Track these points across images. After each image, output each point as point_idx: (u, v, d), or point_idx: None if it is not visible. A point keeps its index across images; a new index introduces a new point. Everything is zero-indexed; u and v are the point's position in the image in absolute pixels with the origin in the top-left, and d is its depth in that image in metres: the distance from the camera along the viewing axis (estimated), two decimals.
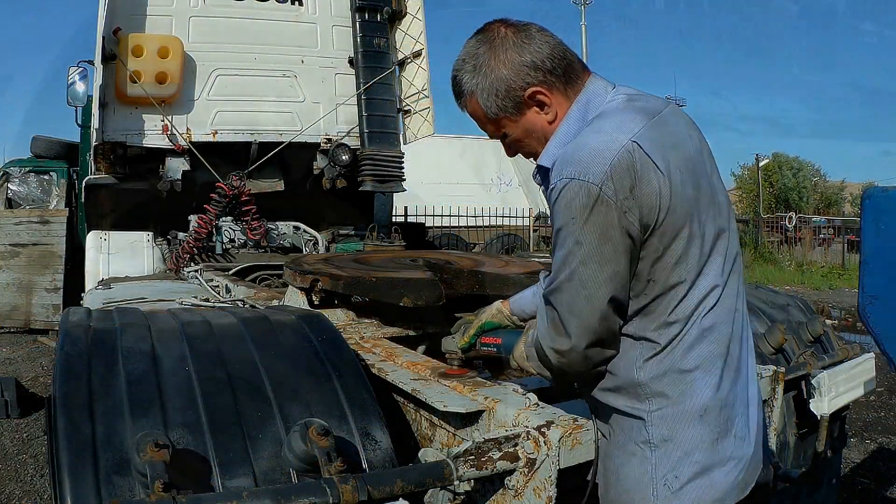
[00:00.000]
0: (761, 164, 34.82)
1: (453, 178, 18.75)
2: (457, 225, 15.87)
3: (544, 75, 1.55)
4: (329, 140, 5.56)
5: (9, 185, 8.70)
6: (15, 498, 4.12)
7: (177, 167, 5.19)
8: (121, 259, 4.99)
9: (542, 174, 1.57)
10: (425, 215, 14.72)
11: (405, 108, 5.92)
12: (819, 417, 2.73)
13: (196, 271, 4.32)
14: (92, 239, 5.07)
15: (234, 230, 5.19)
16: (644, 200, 1.41)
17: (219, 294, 3.59)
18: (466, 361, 2.07)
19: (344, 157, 5.45)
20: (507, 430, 1.66)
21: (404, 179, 5.63)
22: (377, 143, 5.46)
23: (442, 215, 15.61)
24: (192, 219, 5.14)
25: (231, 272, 4.30)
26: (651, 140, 1.45)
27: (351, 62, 5.61)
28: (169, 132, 5.09)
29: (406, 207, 14.23)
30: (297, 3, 5.60)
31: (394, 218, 7.84)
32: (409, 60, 5.81)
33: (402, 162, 5.57)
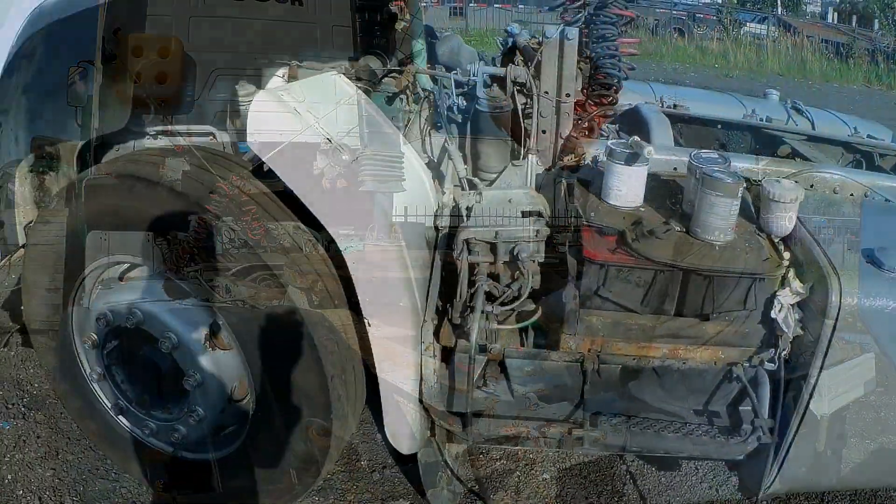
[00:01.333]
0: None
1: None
2: (456, 224, 15.85)
3: None
4: (329, 140, 5.54)
5: (9, 185, 8.67)
6: (14, 498, 4.12)
7: (177, 167, 5.18)
8: (121, 259, 4.98)
9: None
10: (425, 215, 14.70)
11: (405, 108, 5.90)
12: (819, 417, 2.74)
13: (196, 271, 4.31)
14: (92, 239, 5.06)
15: (234, 230, 5.17)
16: None
17: (219, 294, 3.59)
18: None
19: (344, 157, 5.43)
20: (507, 431, 1.66)
21: (404, 179, 5.61)
22: (377, 143, 5.45)
23: (442, 215, 15.58)
24: (192, 219, 5.12)
25: (231, 272, 4.29)
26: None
27: (351, 62, 5.60)
28: (169, 132, 5.08)
29: (406, 207, 14.21)
30: (297, 3, 5.59)
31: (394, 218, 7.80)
32: (409, 60, 5.80)
33: (403, 162, 5.55)
